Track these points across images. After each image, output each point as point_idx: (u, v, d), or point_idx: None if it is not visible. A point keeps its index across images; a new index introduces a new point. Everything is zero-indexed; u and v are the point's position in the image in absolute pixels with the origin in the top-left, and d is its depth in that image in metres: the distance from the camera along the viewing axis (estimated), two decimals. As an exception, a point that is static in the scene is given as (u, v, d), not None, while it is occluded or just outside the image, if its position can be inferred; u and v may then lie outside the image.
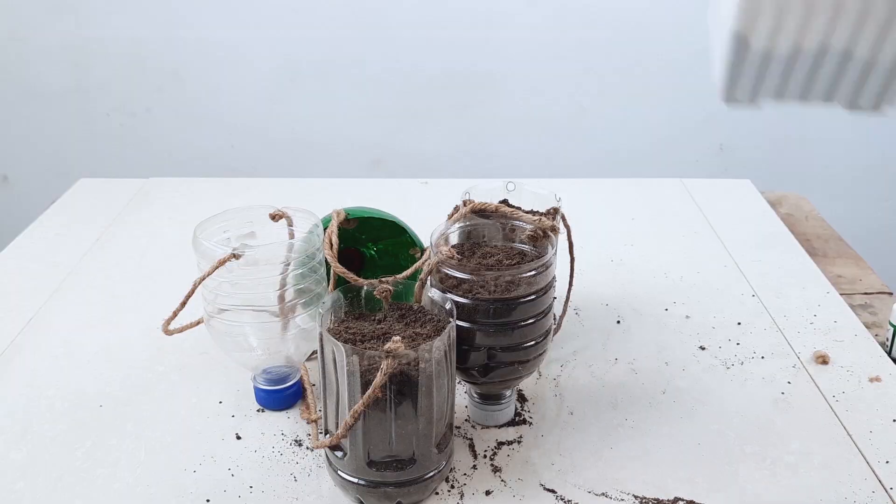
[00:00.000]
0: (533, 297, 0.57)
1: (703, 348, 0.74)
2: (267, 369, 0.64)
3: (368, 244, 0.72)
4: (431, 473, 0.53)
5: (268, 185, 1.15)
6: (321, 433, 0.56)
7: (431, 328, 0.53)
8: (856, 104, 0.37)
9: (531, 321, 0.58)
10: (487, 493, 0.56)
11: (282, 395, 0.64)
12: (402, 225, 0.71)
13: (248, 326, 0.60)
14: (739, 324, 0.78)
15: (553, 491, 0.57)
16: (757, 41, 0.34)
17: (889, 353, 0.74)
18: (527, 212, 0.65)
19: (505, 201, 0.69)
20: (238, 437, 0.62)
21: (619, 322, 0.78)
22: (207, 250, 0.58)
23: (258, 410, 0.65)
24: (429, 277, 0.58)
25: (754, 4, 0.33)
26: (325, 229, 0.64)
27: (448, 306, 0.54)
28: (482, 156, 1.81)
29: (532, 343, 0.59)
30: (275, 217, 0.63)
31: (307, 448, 0.61)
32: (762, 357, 0.73)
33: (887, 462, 0.60)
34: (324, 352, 0.51)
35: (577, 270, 0.76)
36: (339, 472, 0.53)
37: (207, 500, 0.55)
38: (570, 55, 1.73)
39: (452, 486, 0.57)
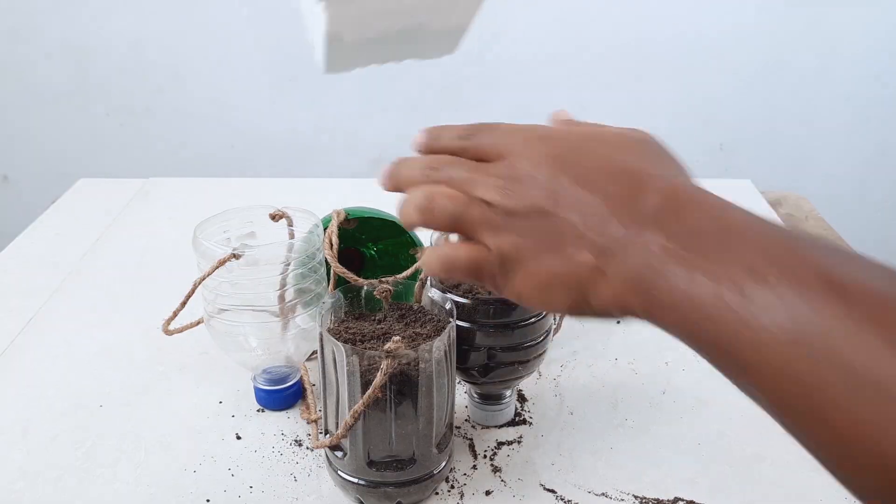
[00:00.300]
0: (533, 297, 0.57)
1: (703, 348, 0.74)
2: (267, 369, 0.64)
3: (368, 244, 0.72)
4: (431, 473, 0.53)
5: (268, 185, 1.15)
6: (321, 433, 0.56)
7: (431, 328, 0.53)
8: (426, 56, 0.49)
9: (531, 321, 0.58)
10: (487, 493, 0.56)
11: (282, 395, 0.64)
12: (402, 225, 0.71)
13: (248, 326, 0.60)
14: (739, 324, 0.78)
15: (553, 491, 0.57)
16: (346, 35, 0.44)
17: (889, 353, 0.74)
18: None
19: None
20: (238, 437, 0.62)
21: (618, 322, 0.78)
22: (207, 250, 0.58)
23: (258, 410, 0.65)
24: (429, 277, 0.58)
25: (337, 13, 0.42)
26: (325, 229, 0.64)
27: (448, 306, 0.54)
28: (482, 156, 1.80)
29: (532, 343, 0.59)
30: (275, 217, 0.63)
31: (307, 448, 0.61)
32: (762, 357, 0.73)
33: (887, 462, 0.60)
34: (324, 352, 0.51)
35: (577, 270, 0.76)
36: (339, 472, 0.53)
37: (207, 500, 0.55)
38: (571, 55, 1.73)
39: (452, 486, 0.57)
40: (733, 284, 0.27)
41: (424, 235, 0.68)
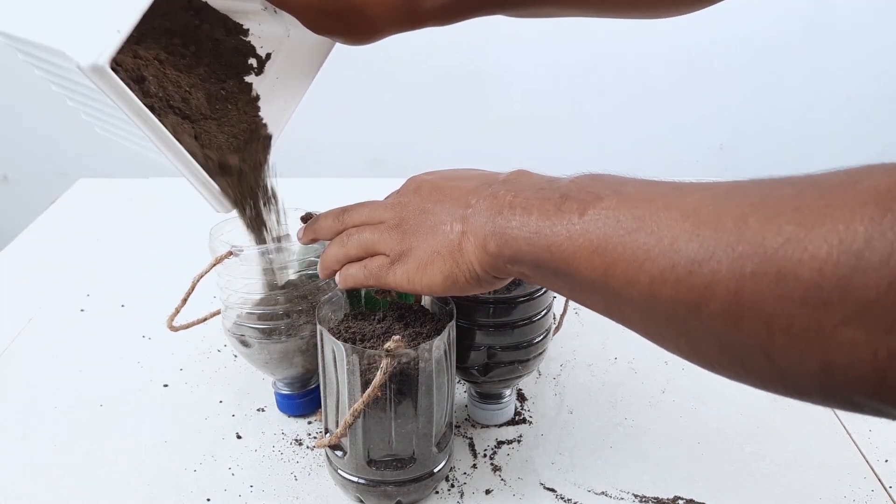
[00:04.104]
0: (533, 296, 0.57)
1: (702, 347, 0.74)
2: (283, 375, 0.63)
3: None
4: (431, 472, 0.53)
5: (268, 185, 1.15)
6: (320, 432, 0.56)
7: (431, 327, 0.54)
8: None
9: (531, 320, 0.58)
10: (487, 491, 0.57)
11: (295, 400, 0.63)
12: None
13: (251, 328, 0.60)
14: (739, 323, 0.78)
15: (553, 490, 0.57)
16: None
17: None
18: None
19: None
20: (238, 437, 0.62)
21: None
22: (245, 252, 0.58)
23: (258, 409, 0.65)
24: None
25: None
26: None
27: (448, 306, 0.54)
28: (481, 156, 1.81)
29: (532, 342, 0.59)
30: (305, 219, 0.62)
31: (307, 447, 0.61)
32: (762, 356, 0.73)
33: (886, 461, 0.60)
34: (324, 351, 0.51)
35: (576, 270, 0.76)
36: (339, 471, 0.53)
37: (208, 500, 0.56)
38: (571, 55, 1.73)
39: (452, 485, 0.57)
40: (556, 214, 0.36)
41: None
